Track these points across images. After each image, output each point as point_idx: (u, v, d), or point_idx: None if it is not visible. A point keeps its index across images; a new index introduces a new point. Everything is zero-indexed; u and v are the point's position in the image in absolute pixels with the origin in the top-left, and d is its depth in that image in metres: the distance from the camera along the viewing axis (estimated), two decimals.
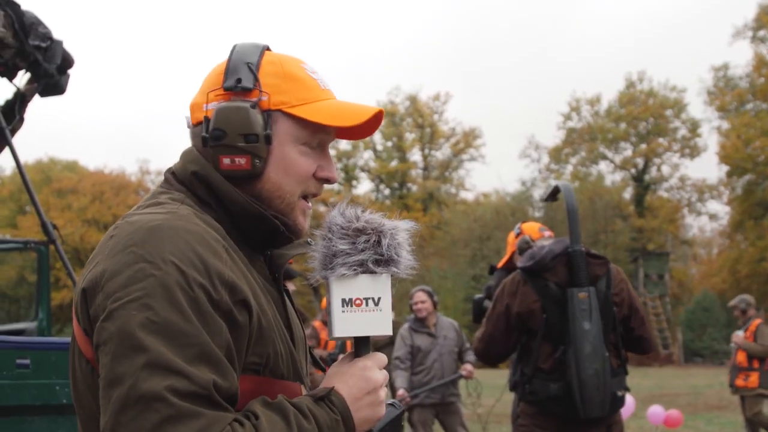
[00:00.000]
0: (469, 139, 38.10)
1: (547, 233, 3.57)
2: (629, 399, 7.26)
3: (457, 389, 5.93)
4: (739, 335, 7.60)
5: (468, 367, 5.85)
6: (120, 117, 59.92)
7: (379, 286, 1.07)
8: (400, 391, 5.62)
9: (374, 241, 1.07)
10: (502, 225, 28.37)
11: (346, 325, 1.07)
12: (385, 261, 1.07)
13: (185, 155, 1.15)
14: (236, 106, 1.08)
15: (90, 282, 0.98)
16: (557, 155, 36.95)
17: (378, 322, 1.07)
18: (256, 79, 1.10)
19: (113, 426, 0.89)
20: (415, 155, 38.64)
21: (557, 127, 37.25)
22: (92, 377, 1.00)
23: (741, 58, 51.63)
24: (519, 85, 58.01)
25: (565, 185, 3.29)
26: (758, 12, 29.18)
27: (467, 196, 38.60)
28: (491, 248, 28.01)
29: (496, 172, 63.51)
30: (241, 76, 1.10)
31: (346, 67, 59.14)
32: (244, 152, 1.08)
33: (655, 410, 7.63)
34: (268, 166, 1.10)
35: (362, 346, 1.10)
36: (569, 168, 37.04)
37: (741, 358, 7.47)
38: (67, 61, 4.49)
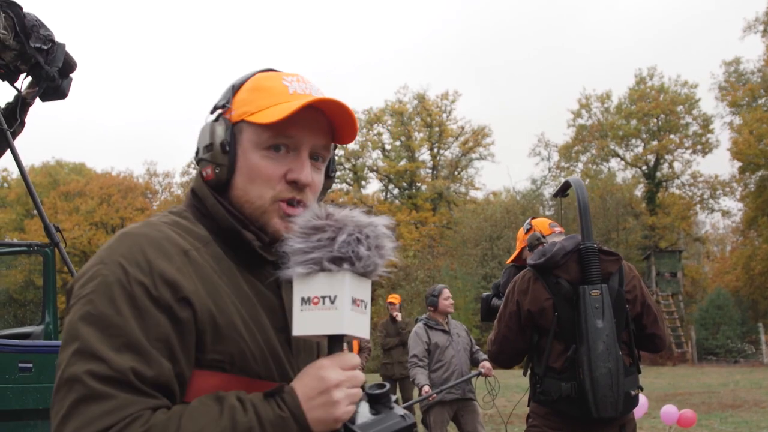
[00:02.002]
0: (478, 137, 37.99)
1: (558, 229, 3.51)
2: (642, 399, 7.16)
3: (473, 387, 5.88)
4: None
5: (486, 364, 5.80)
6: (127, 119, 60.30)
7: (336, 284, 1.05)
8: (426, 388, 5.56)
9: (328, 238, 1.06)
10: (513, 224, 28.25)
11: (305, 323, 1.06)
12: (341, 259, 1.05)
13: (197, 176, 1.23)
14: (205, 124, 1.21)
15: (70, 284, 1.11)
16: (567, 153, 36.77)
17: (332, 321, 1.05)
18: (230, 97, 1.20)
19: (52, 404, 1.01)
20: (424, 154, 38.59)
21: (567, 125, 37.09)
22: None
23: (752, 52, 51.14)
24: (528, 83, 57.82)
25: (576, 180, 3.22)
26: None
27: (477, 195, 38.54)
28: (501, 247, 27.89)
29: (505, 171, 63.38)
30: (223, 98, 1.22)
31: (355, 66, 59.16)
32: (208, 162, 1.18)
33: (669, 410, 7.52)
34: (236, 174, 1.17)
35: (333, 344, 1.08)
36: (580, 166, 36.87)
37: None
38: (69, 65, 4.46)
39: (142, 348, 1.00)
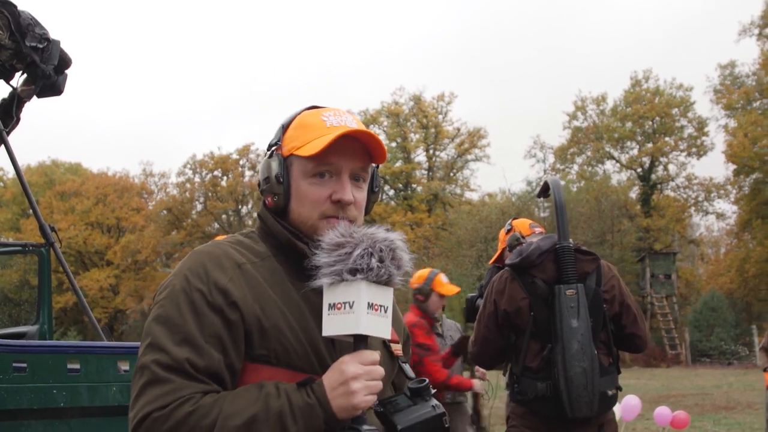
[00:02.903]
0: (473, 139, 38.01)
1: (538, 230, 3.52)
2: (636, 400, 7.18)
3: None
4: None
5: (481, 368, 5.78)
6: (123, 119, 60.14)
7: (354, 292, 1.23)
8: None
9: (346, 253, 1.25)
10: None
11: (331, 325, 1.25)
12: (356, 270, 1.24)
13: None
14: (263, 161, 1.42)
15: None
16: (563, 155, 36.81)
17: (351, 323, 1.23)
18: (280, 135, 1.41)
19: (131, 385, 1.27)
20: (420, 156, 38.58)
21: (563, 127, 37.12)
22: None
23: (748, 56, 51.34)
24: (526, 85, 57.94)
25: (554, 180, 3.23)
26: (765, 9, 29.06)
27: (472, 196, 38.49)
28: (496, 249, 27.89)
29: (501, 172, 63.48)
30: (275, 137, 1.43)
31: (355, 66, 59.17)
32: (268, 192, 1.40)
33: (662, 411, 7.54)
34: (291, 201, 1.38)
35: (357, 343, 1.26)
36: (575, 168, 36.92)
37: None
38: (64, 62, 4.46)
39: (197, 343, 1.24)
